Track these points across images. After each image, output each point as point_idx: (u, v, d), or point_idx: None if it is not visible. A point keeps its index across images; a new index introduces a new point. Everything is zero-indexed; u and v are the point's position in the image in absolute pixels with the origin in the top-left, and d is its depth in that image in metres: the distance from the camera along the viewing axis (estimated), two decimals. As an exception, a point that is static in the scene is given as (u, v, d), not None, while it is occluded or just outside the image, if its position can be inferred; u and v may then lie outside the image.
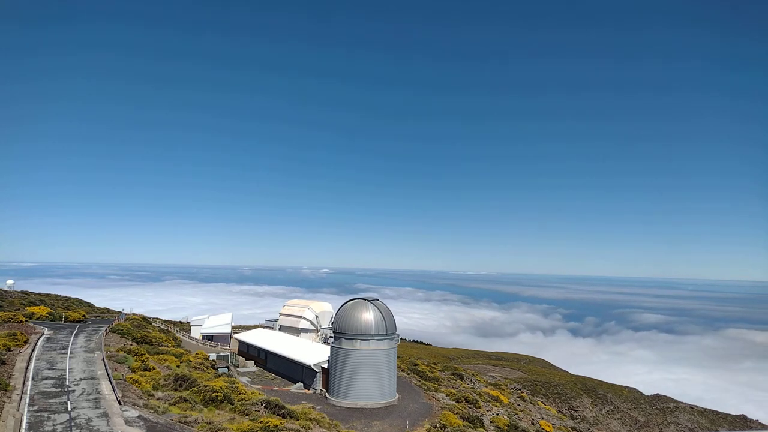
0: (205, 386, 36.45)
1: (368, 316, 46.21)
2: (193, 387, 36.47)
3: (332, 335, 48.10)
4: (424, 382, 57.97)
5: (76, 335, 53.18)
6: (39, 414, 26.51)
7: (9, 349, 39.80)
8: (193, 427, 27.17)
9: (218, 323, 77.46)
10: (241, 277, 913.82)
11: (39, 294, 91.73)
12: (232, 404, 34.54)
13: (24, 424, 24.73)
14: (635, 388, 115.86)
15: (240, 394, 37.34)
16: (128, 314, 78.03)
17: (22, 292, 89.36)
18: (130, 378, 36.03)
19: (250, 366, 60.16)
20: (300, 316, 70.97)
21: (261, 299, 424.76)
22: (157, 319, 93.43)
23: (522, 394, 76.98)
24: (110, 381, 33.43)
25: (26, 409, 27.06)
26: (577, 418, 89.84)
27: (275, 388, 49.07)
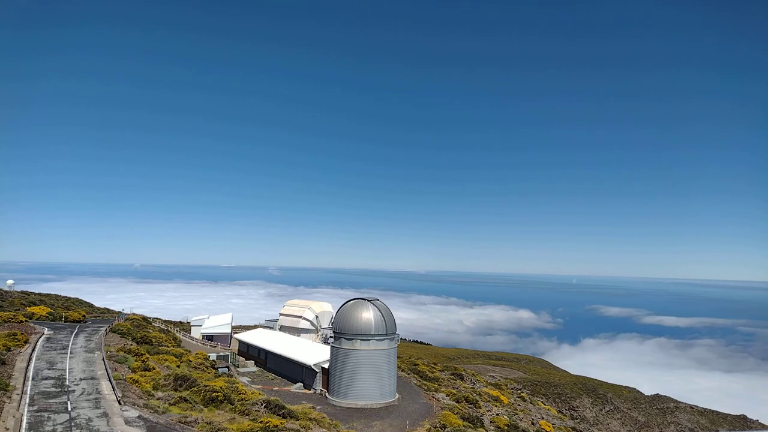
0: (205, 386, 36.43)
1: (368, 315, 46.17)
2: (193, 387, 36.45)
3: (332, 335, 48.07)
4: (424, 382, 57.96)
5: (76, 335, 53.18)
6: (39, 414, 26.52)
7: (9, 349, 39.79)
8: (193, 427, 27.17)
9: (218, 323, 77.46)
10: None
11: (39, 294, 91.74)
12: (232, 404, 34.52)
13: (24, 424, 24.73)
14: (635, 388, 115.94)
15: (240, 394, 37.32)
16: (128, 314, 78.04)
17: (22, 292, 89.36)
18: (130, 378, 36.02)
19: (251, 366, 60.15)
20: (300, 316, 70.94)
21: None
22: (157, 319, 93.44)
23: (522, 394, 76.95)
24: (110, 381, 33.44)
25: (26, 409, 27.07)
26: (577, 418, 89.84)
27: (275, 388, 49.05)
